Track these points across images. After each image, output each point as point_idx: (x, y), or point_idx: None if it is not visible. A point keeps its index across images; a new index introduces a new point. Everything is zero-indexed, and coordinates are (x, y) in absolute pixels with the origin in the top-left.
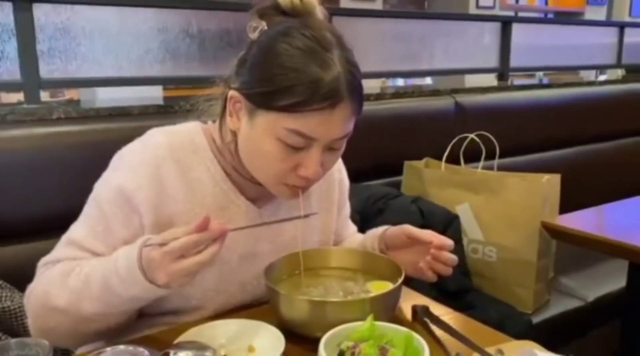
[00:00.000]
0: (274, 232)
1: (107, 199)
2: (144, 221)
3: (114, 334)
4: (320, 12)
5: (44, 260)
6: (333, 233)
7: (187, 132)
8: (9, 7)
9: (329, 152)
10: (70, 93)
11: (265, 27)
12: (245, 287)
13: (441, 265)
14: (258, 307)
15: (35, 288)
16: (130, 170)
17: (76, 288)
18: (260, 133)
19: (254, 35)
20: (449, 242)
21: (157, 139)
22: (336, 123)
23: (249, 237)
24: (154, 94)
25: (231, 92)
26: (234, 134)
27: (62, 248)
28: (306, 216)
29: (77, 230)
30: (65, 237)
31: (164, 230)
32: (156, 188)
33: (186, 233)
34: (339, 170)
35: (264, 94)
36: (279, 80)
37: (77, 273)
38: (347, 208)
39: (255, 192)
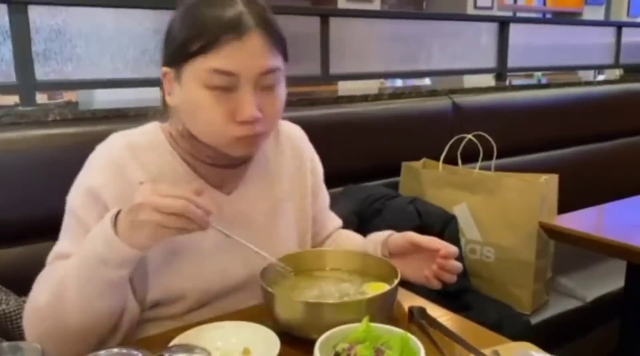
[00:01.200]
0: (247, 217)
1: (78, 204)
2: None
3: (103, 334)
4: None
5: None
6: (310, 219)
7: (145, 133)
8: (4, 8)
9: (263, 94)
10: (68, 95)
11: None
12: (224, 274)
13: (447, 273)
14: (253, 309)
15: (27, 300)
16: (94, 170)
17: (56, 280)
18: (190, 89)
19: None
20: (454, 250)
21: (116, 142)
22: (251, 54)
23: (221, 224)
24: (152, 96)
25: (162, 70)
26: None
27: (50, 263)
28: None
29: (60, 244)
30: (52, 252)
31: None
32: (122, 186)
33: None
34: (311, 159)
35: (178, 48)
36: (185, 30)
37: (58, 270)
38: (324, 197)
39: (219, 177)
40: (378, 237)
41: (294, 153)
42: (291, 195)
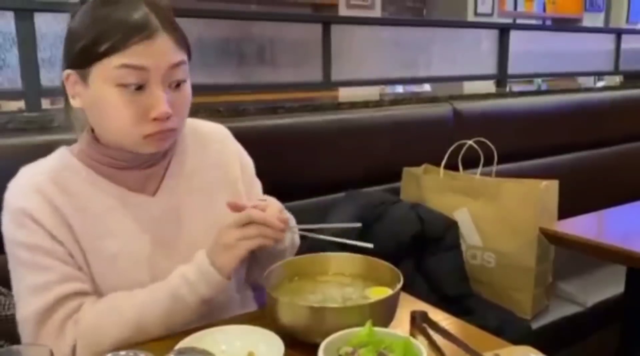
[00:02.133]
0: (179, 213)
1: (22, 236)
2: (53, 234)
3: None
4: None
5: (27, 317)
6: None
7: (54, 158)
8: (10, 15)
9: (174, 91)
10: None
11: None
12: (167, 271)
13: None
14: (257, 313)
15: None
16: (18, 198)
17: (132, 319)
18: (98, 89)
19: None
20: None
21: (27, 172)
22: (159, 51)
23: (153, 225)
24: None
25: (64, 73)
26: (91, 129)
27: (35, 298)
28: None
29: (27, 281)
30: (25, 291)
31: (69, 243)
32: (48, 205)
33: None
34: (238, 151)
35: (84, 50)
36: (92, 31)
37: (123, 306)
38: (258, 189)
39: (139, 181)
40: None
41: (218, 147)
42: (221, 185)
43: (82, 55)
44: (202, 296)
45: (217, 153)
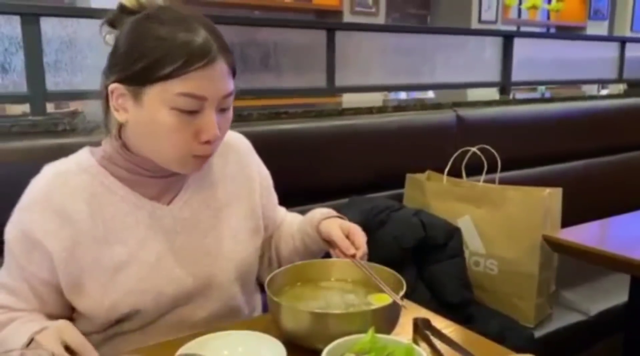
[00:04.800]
0: (191, 224)
1: (11, 240)
2: (49, 250)
3: None
4: (161, 1)
5: None
6: (261, 218)
7: (74, 157)
8: (16, 20)
9: (221, 114)
10: (74, 105)
11: (119, 35)
12: (174, 283)
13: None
14: (259, 318)
15: None
16: (26, 208)
17: None
18: (153, 110)
19: (109, 45)
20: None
21: (46, 172)
22: (219, 80)
23: (162, 237)
24: None
25: (111, 86)
26: (118, 136)
27: None
28: None
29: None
30: None
31: (73, 253)
32: (54, 217)
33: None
34: (257, 164)
35: (145, 69)
36: (154, 51)
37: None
38: (275, 199)
39: (157, 189)
40: (313, 218)
41: (238, 158)
42: (239, 196)
43: (140, 75)
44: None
45: (237, 165)
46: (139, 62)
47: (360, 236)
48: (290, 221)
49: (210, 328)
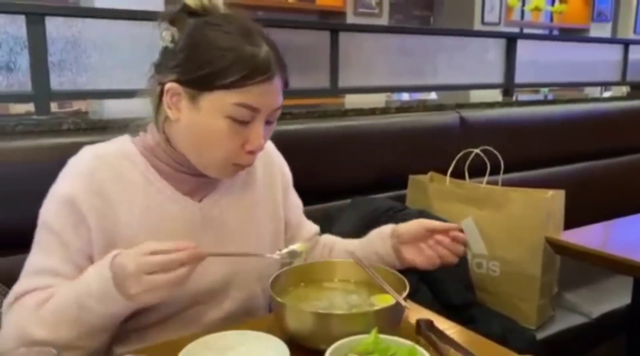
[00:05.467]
0: (219, 223)
1: (52, 217)
2: (91, 226)
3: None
4: (223, 8)
5: (7, 300)
6: (283, 222)
7: (115, 143)
8: (21, 20)
9: (266, 126)
10: (78, 105)
11: (177, 33)
12: (202, 276)
13: (452, 255)
14: (262, 319)
15: (9, 327)
16: (67, 181)
17: (51, 317)
18: (208, 115)
19: (166, 40)
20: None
21: (86, 153)
22: (274, 94)
23: (190, 233)
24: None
25: (168, 85)
26: (164, 131)
27: (24, 279)
28: None
29: (33, 259)
30: (25, 269)
31: (109, 235)
32: (95, 194)
33: (161, 249)
34: (280, 164)
35: (206, 76)
36: (218, 60)
37: (50, 303)
38: (295, 199)
39: (190, 186)
40: (381, 233)
41: (265, 160)
42: (264, 200)
43: (201, 81)
44: (109, 313)
45: (264, 167)
46: (203, 69)
47: (431, 222)
48: (342, 242)
49: (220, 328)
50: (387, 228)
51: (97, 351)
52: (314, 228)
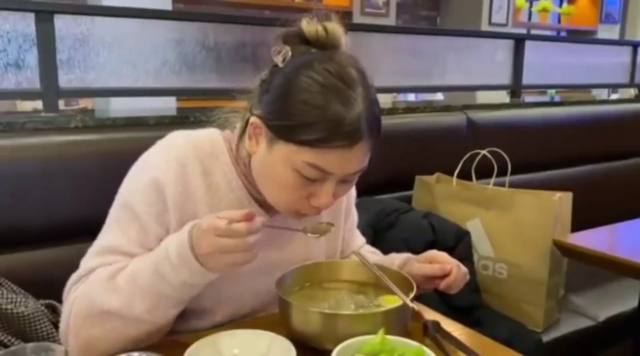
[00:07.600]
0: (285, 239)
1: (137, 198)
2: (172, 218)
3: (154, 338)
4: (345, 44)
5: (75, 275)
6: (341, 239)
7: (208, 136)
8: (31, 17)
9: (342, 184)
10: (84, 102)
11: (290, 53)
12: (257, 295)
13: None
14: (269, 318)
15: (76, 303)
16: (160, 164)
17: (126, 287)
18: (278, 162)
19: (277, 59)
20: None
21: (180, 140)
22: (353, 160)
23: (262, 244)
24: (168, 105)
25: (252, 118)
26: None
27: (95, 257)
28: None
29: (108, 238)
30: (96, 247)
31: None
32: (182, 185)
33: (231, 217)
34: None
35: (286, 127)
36: (301, 115)
37: (124, 271)
38: (354, 217)
39: (265, 200)
40: (392, 261)
41: None
42: (328, 218)
43: (279, 129)
44: (183, 280)
45: None
46: (284, 119)
47: (440, 254)
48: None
49: (222, 327)
50: (398, 259)
51: (159, 331)
52: (361, 240)
